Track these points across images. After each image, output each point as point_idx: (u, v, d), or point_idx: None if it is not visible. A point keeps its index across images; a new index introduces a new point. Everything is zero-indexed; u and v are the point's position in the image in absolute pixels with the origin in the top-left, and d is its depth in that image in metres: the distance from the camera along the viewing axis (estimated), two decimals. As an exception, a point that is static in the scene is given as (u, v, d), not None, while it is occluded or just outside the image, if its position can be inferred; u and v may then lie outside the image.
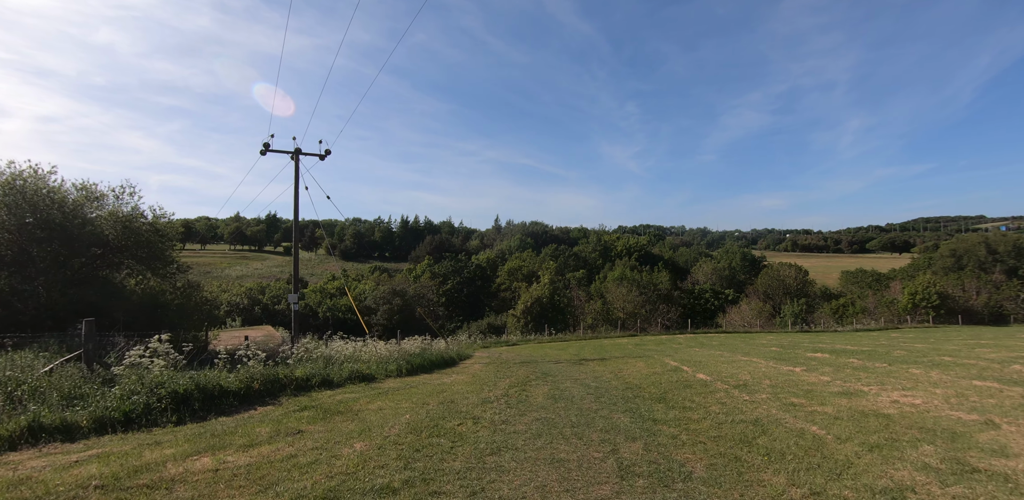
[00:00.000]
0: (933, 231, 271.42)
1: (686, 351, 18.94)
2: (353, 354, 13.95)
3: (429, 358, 14.70)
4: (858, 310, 56.18)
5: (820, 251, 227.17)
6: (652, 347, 22.98)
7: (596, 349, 22.75)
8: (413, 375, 12.65)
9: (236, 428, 6.74)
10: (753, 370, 11.63)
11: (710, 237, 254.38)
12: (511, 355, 21.66)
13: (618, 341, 30.07)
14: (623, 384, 10.13)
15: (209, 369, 11.35)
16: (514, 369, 13.92)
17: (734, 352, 17.15)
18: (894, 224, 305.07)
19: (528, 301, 41.58)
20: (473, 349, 28.28)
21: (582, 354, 19.99)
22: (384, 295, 49.31)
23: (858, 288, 77.05)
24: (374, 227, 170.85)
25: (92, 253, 17.51)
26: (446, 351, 17.95)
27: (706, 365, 12.99)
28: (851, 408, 7.24)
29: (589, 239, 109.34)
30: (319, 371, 10.68)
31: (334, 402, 8.68)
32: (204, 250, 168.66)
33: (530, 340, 34.06)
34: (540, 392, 9.29)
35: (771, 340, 25.24)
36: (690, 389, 9.18)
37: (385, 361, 13.14)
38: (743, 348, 19.31)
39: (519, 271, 79.73)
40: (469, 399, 8.60)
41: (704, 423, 6.47)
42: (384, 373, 12.07)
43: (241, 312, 42.83)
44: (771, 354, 15.89)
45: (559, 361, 16.71)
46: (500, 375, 12.27)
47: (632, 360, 15.42)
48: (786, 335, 32.46)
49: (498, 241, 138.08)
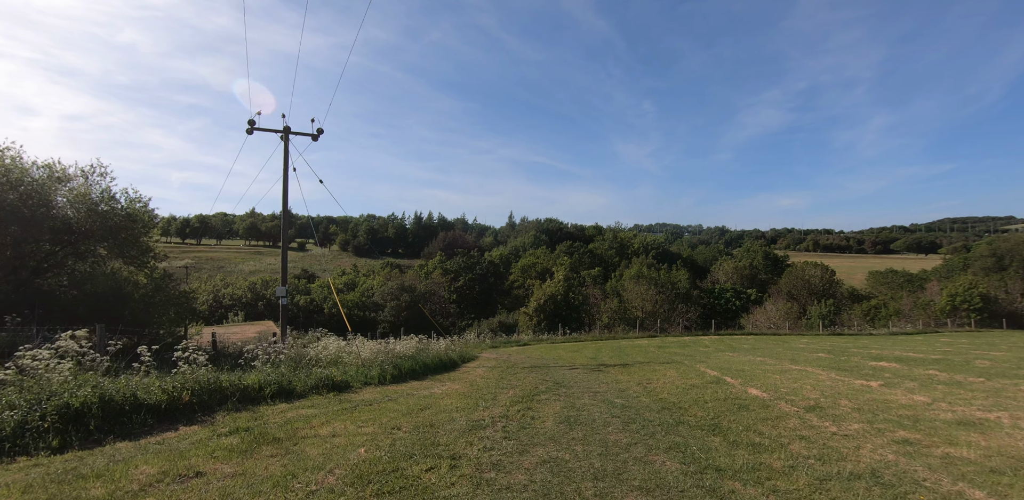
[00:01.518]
0: (960, 232, 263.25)
1: (719, 356, 16.63)
2: (334, 355, 11.96)
3: (423, 361, 12.65)
4: (891, 312, 52.98)
5: (842, 251, 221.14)
6: (677, 350, 20.68)
7: (615, 352, 20.52)
8: (399, 382, 10.59)
9: (108, 466, 4.72)
10: (816, 384, 9.35)
11: (728, 236, 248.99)
12: (521, 357, 19.55)
13: (637, 342, 27.76)
14: (657, 402, 7.94)
15: (172, 372, 9.50)
16: (521, 376, 11.79)
17: (779, 359, 14.80)
18: (919, 224, 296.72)
19: (541, 298, 39.37)
20: (480, 349, 26.23)
21: (600, 357, 17.78)
22: (392, 291, 47.49)
23: (888, 289, 73.56)
24: (387, 223, 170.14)
25: (57, 239, 15.79)
26: (446, 353, 15.90)
27: (753, 376, 10.72)
28: (997, 450, 4.98)
29: (605, 236, 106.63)
30: (278, 378, 8.66)
31: (280, 422, 6.65)
32: (219, 245, 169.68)
33: (542, 340, 31.90)
34: (550, 412, 7.16)
35: (809, 344, 22.75)
36: (748, 412, 6.96)
37: (368, 365, 11.12)
38: (783, 353, 16.94)
39: (532, 268, 77.56)
40: (456, 422, 6.49)
41: (796, 478, 4.27)
42: (363, 380, 10.03)
43: (244, 307, 41.39)
44: (823, 362, 13.53)
45: (574, 366, 14.53)
46: (503, 384, 10.16)
47: (660, 367, 13.19)
48: (821, 338, 29.82)
49: (512, 238, 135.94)
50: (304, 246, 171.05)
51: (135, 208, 17.35)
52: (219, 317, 39.94)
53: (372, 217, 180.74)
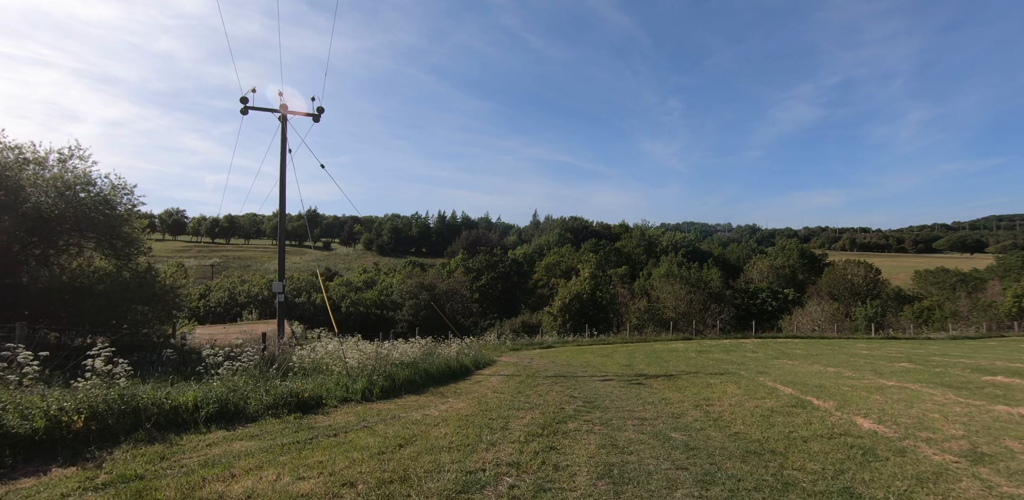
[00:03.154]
0: (1008, 229, 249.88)
1: (776, 365, 14.10)
2: (320, 361, 9.96)
3: (425, 370, 10.56)
4: (947, 314, 48.81)
5: (881, 250, 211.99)
6: (720, 356, 18.14)
7: (650, 357, 18.11)
8: (390, 398, 8.51)
9: None
10: (942, 410, 6.89)
11: (759, 235, 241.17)
12: (544, 362, 17.34)
13: (672, 346, 25.20)
14: (732, 439, 5.63)
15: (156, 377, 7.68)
16: (543, 389, 9.59)
17: (856, 369, 12.22)
18: (962, 222, 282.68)
19: (566, 297, 37.03)
20: (500, 352, 24.10)
21: (635, 364, 15.43)
22: (411, 289, 45.76)
23: (938, 290, 68.91)
24: (411, 222, 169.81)
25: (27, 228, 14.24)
26: (457, 357, 13.80)
27: (844, 396, 8.28)
28: None
29: (632, 234, 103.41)
30: (225, 394, 6.66)
31: (194, 464, 4.61)
32: (248, 245, 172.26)
33: (568, 342, 29.59)
34: (582, 455, 4.94)
35: (873, 350, 19.88)
36: (883, 465, 4.61)
37: (356, 374, 9.08)
38: (854, 362, 14.30)
39: (557, 267, 75.14)
40: (441, 474, 4.34)
41: None
42: (342, 395, 7.97)
43: (259, 305, 40.25)
44: (916, 375, 10.94)
45: (606, 376, 12.25)
46: (519, 402, 7.98)
47: (713, 379, 10.80)
48: (880, 343, 26.71)
49: (536, 236, 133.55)
50: (329, 245, 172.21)
51: (116, 195, 15.74)
52: (234, 315, 38.88)
53: (396, 216, 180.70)
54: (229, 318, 38.77)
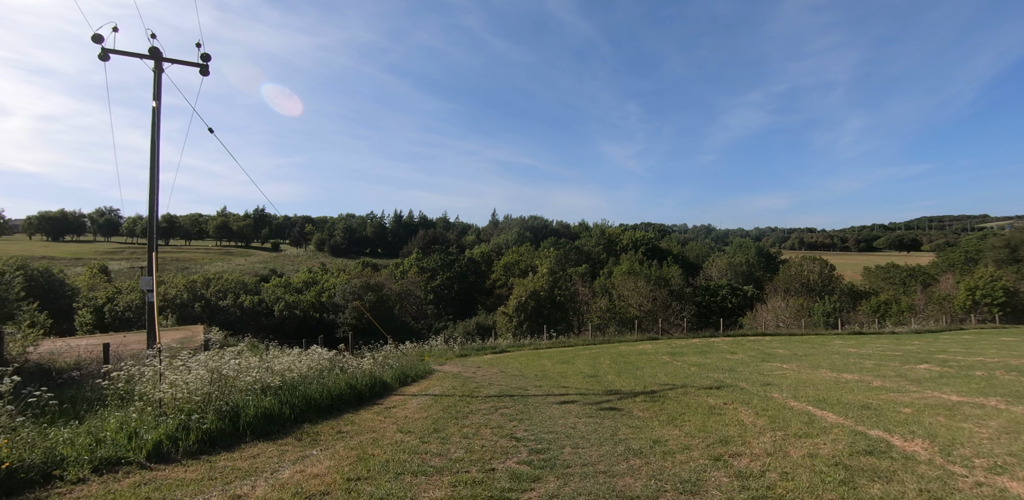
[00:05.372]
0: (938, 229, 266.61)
1: (775, 371, 11.48)
2: (137, 386, 6.49)
3: (307, 395, 7.23)
4: (904, 308, 48.81)
5: (827, 249, 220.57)
6: (698, 359, 15.52)
7: (619, 363, 15.29)
8: (213, 451, 5.17)
9: None
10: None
11: (714, 234, 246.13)
12: (491, 372, 14.22)
13: (640, 347, 22.59)
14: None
15: None
16: (474, 423, 6.46)
17: (881, 377, 9.65)
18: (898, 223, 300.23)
19: (522, 295, 34.02)
20: (445, 358, 20.84)
21: (601, 373, 12.52)
22: (355, 290, 41.70)
23: (888, 285, 70.21)
24: (366, 222, 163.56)
25: None
26: (372, 372, 10.50)
27: (920, 424, 5.51)
28: None
29: (592, 233, 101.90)
30: None
31: None
32: (188, 246, 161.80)
33: (524, 345, 26.59)
34: None
35: (860, 347, 17.78)
36: None
37: (179, 408, 5.69)
38: (862, 365, 11.86)
39: (516, 266, 72.30)
40: None
41: None
42: (109, 453, 4.59)
43: (177, 309, 35.30)
44: (961, 383, 8.45)
45: (566, 394, 9.24)
46: (426, 458, 4.81)
47: (711, 397, 7.95)
48: (856, 339, 24.97)
49: (495, 236, 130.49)
50: (278, 246, 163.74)
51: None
52: (145, 321, 33.95)
53: (351, 216, 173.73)
54: (140, 324, 33.80)
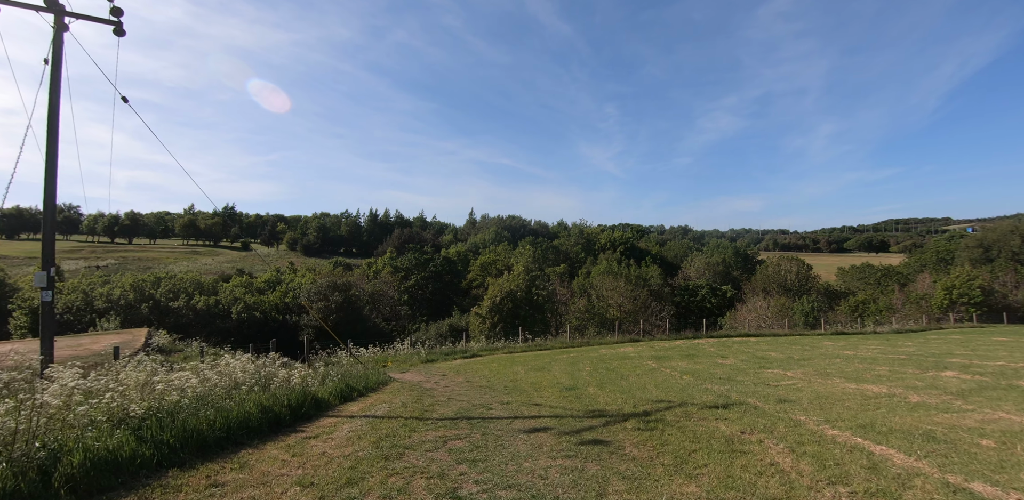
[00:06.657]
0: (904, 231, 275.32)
1: (783, 382, 9.94)
2: None
3: (190, 427, 5.34)
4: (882, 307, 48.59)
5: (800, 250, 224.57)
6: (687, 365, 13.98)
7: (600, 370, 13.63)
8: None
9: None
10: None
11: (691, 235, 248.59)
12: (455, 382, 12.41)
13: (622, 350, 21.03)
14: None
15: None
16: (406, 465, 4.67)
17: (915, 389, 8.15)
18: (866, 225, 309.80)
19: (496, 295, 32.23)
20: (409, 364, 18.94)
21: (580, 383, 10.83)
22: (321, 290, 39.32)
23: (863, 284, 70.53)
24: (340, 221, 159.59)
25: None
26: (305, 388, 8.61)
27: (1014, 467, 3.94)
28: None
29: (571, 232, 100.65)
30: None
31: None
32: (153, 245, 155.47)
33: (498, 348, 24.80)
34: None
35: (856, 349, 16.51)
36: None
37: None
38: (876, 372, 10.43)
39: (493, 265, 70.52)
40: None
41: None
42: None
43: (123, 310, 32.37)
44: (999, 393, 7.00)
45: (539, 417, 7.51)
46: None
47: (723, 424, 6.31)
48: (845, 339, 23.86)
49: (472, 235, 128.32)
50: (248, 245, 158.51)
51: None
52: (87, 323, 31.08)
53: (325, 215, 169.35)
54: (80, 327, 30.93)
